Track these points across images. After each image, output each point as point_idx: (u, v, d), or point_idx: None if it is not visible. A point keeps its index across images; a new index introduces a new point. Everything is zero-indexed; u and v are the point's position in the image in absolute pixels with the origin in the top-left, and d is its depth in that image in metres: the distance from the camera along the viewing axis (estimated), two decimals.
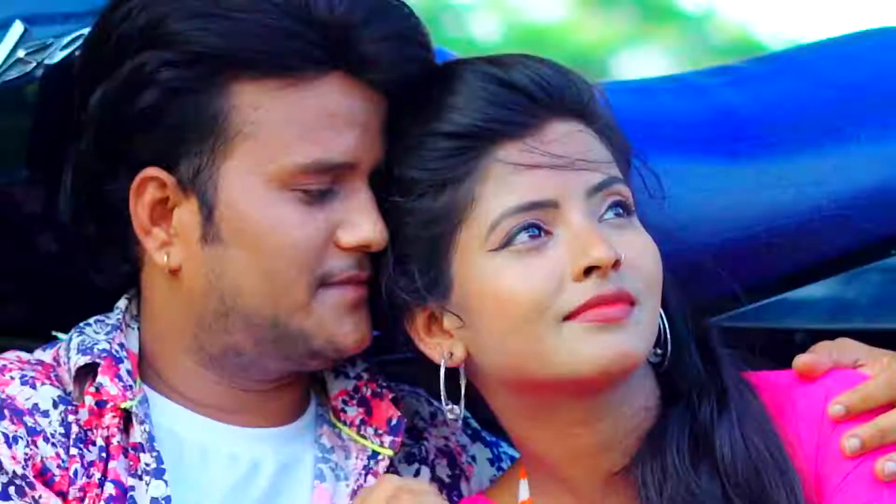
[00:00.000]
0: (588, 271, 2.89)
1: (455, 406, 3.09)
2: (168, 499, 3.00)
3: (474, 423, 3.34)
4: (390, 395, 3.21)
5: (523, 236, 2.94)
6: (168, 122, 3.03)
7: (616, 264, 2.90)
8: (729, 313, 3.37)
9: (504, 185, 2.97)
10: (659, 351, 3.03)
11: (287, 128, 3.02)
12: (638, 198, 3.11)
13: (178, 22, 3.01)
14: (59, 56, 3.26)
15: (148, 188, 3.05)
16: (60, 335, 3.22)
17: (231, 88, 3.01)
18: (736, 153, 3.42)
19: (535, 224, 2.94)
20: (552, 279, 2.93)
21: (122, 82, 3.05)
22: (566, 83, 3.03)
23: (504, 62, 3.07)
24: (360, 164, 3.06)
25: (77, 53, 3.21)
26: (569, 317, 2.91)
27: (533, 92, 3.00)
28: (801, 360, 3.07)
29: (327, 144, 3.03)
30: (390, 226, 3.08)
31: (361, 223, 3.05)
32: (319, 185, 3.03)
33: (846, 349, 3.11)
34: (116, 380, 3.03)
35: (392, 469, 3.17)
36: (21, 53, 3.26)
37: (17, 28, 3.24)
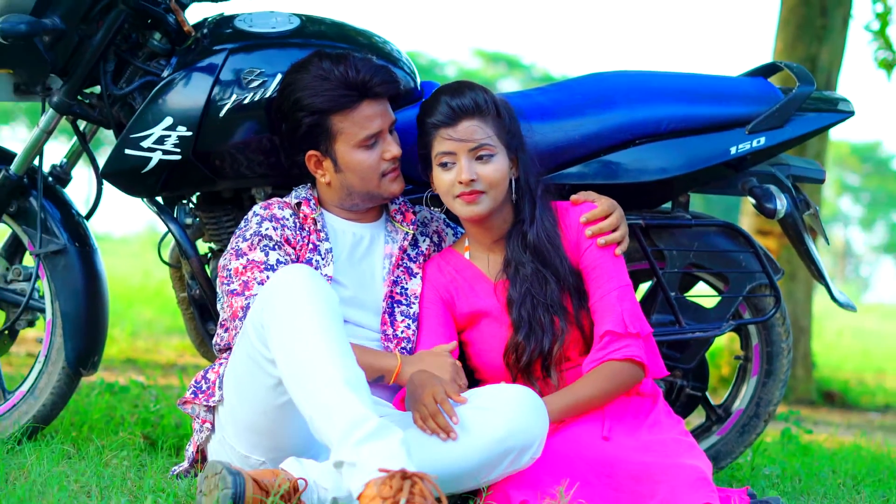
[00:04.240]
0: (461, 182, 3.28)
1: (437, 209, 3.58)
2: (330, 249, 3.37)
3: (446, 219, 3.65)
4: (412, 209, 3.54)
5: (444, 163, 3.31)
6: (312, 136, 3.36)
7: (472, 181, 3.28)
8: (548, 176, 3.58)
9: (440, 144, 3.30)
10: (514, 196, 3.38)
11: (353, 127, 3.33)
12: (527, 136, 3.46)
13: (304, 101, 3.32)
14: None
15: (311, 158, 3.39)
16: (295, 189, 3.49)
17: (329, 119, 3.32)
18: (543, 119, 3.65)
19: (447, 160, 3.31)
20: (452, 181, 3.29)
21: (290, 126, 3.37)
22: (473, 104, 3.30)
23: (453, 92, 3.35)
24: (384, 128, 3.37)
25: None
26: (457, 196, 3.31)
27: (457, 109, 3.29)
28: (572, 197, 3.45)
29: (369, 128, 3.34)
30: (419, 146, 3.39)
31: (391, 149, 3.37)
32: (372, 141, 3.34)
33: (590, 195, 3.45)
34: (309, 207, 3.40)
35: (414, 238, 3.52)
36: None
37: (279, 77, 3.49)
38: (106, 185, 3.78)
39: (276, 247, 3.34)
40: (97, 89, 3.75)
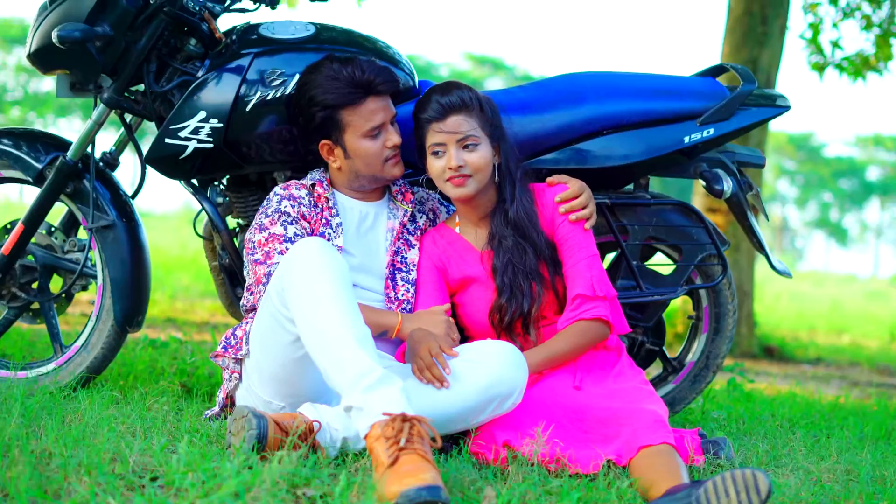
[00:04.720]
0: (451, 168, 3.26)
1: (432, 191, 3.56)
2: (340, 223, 3.36)
3: (440, 199, 3.61)
4: (411, 190, 3.52)
5: (436, 152, 3.28)
6: (324, 127, 3.34)
7: (460, 167, 3.26)
8: (527, 161, 3.53)
9: (432, 136, 3.27)
10: (497, 179, 3.35)
11: (360, 119, 3.30)
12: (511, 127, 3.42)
13: (318, 98, 3.31)
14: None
15: (324, 146, 3.37)
16: (310, 172, 3.46)
17: (339, 113, 3.31)
18: (522, 113, 3.61)
19: (438, 150, 3.27)
20: (443, 167, 3.27)
21: (306, 119, 3.36)
22: (459, 101, 3.27)
23: (442, 91, 3.32)
24: (386, 121, 3.34)
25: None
26: (447, 180, 3.28)
27: (446, 106, 3.26)
28: (548, 179, 3.42)
29: (373, 120, 3.31)
30: (415, 138, 3.35)
31: (393, 138, 3.34)
32: (376, 132, 3.32)
33: (562, 178, 3.42)
34: (322, 188, 3.38)
35: (413, 215, 3.48)
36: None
37: (297, 77, 3.45)
38: (148, 169, 3.76)
39: (294, 222, 3.32)
40: (142, 87, 3.75)
